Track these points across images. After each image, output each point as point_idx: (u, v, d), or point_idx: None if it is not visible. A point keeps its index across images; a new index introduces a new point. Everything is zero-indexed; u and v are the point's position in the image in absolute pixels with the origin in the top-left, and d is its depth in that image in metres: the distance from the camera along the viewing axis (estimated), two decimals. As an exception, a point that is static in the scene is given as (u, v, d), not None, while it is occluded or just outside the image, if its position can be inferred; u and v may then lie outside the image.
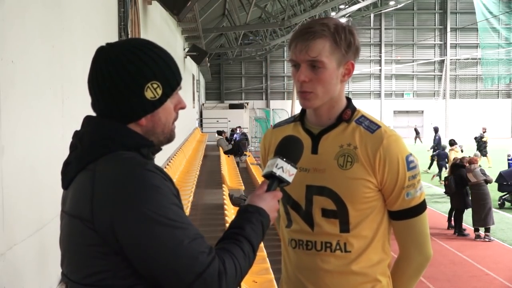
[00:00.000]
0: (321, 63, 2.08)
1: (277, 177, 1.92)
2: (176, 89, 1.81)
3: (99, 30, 6.28)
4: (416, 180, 2.19)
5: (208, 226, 8.15)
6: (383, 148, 2.13)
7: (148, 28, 10.60)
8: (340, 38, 2.09)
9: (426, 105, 51.07)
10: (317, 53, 2.07)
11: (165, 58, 1.78)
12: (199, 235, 1.65)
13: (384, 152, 2.12)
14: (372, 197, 2.16)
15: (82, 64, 4.61)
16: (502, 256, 11.64)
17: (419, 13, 51.34)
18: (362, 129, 2.18)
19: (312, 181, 2.18)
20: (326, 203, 2.17)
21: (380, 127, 2.18)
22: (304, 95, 2.13)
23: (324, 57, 2.07)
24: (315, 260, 2.21)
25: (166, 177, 1.69)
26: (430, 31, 51.37)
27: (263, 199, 1.87)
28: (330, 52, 2.08)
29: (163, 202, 1.61)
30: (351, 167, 2.14)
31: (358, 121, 2.21)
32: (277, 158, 1.94)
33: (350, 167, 2.14)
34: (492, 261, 11.20)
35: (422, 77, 51.68)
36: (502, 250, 12.16)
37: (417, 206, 2.21)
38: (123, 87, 1.70)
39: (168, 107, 1.79)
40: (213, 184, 13.43)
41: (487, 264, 10.91)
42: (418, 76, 51.62)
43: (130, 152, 1.71)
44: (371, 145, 2.14)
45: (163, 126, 1.80)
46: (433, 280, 9.92)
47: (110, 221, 1.60)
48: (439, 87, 51.23)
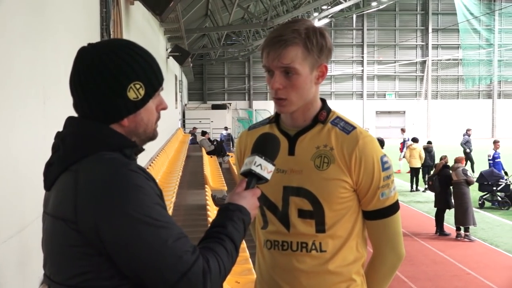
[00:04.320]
0: (294, 69, 2.09)
1: (255, 174, 1.93)
2: (158, 89, 1.81)
3: (81, 31, 6.26)
4: (390, 180, 2.22)
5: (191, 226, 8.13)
6: (359, 149, 2.15)
7: (131, 29, 10.56)
8: (311, 43, 2.10)
9: (408, 105, 51.32)
10: (290, 60, 2.08)
11: (147, 59, 1.78)
12: (183, 235, 1.66)
13: (360, 153, 2.15)
14: (347, 197, 2.18)
15: (64, 65, 4.59)
16: (482, 256, 11.74)
17: (401, 14, 51.59)
18: (338, 130, 2.20)
19: (289, 182, 2.20)
20: (303, 204, 2.19)
21: (356, 128, 2.20)
22: (280, 102, 2.15)
23: (297, 64, 2.09)
24: (290, 260, 2.22)
25: (149, 177, 1.69)
26: (412, 32, 51.64)
27: (243, 197, 1.88)
28: (303, 58, 2.09)
29: (146, 202, 1.62)
30: (328, 168, 2.16)
31: (334, 122, 2.23)
32: (255, 156, 1.95)
33: (326, 168, 2.16)
34: (473, 260, 11.29)
35: (404, 77, 51.93)
36: (483, 249, 12.25)
37: (391, 206, 2.23)
38: (105, 88, 1.71)
39: (150, 108, 1.80)
40: (195, 185, 13.40)
41: (468, 264, 10.99)
42: (400, 76, 51.86)
43: (113, 152, 1.71)
44: (347, 146, 2.16)
45: (145, 127, 1.80)
46: (415, 280, 9.98)
47: (94, 222, 1.60)
48: (421, 88, 51.52)
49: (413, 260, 11.12)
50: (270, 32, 2.16)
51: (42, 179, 1.80)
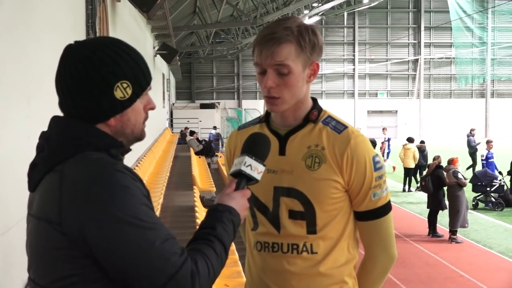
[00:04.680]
0: (288, 67, 2.09)
1: (245, 175, 1.93)
2: (146, 88, 1.81)
3: (66, 28, 6.24)
4: (382, 181, 2.23)
5: (179, 228, 8.12)
6: (351, 149, 2.16)
7: (117, 26, 10.54)
8: (304, 41, 2.11)
9: (400, 105, 51.49)
10: (283, 58, 2.08)
11: (135, 57, 1.78)
12: (171, 236, 1.65)
13: (351, 152, 2.15)
14: (339, 198, 2.19)
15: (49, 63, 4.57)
16: (476, 257, 11.79)
17: (393, 12, 51.76)
18: (329, 130, 2.21)
19: (279, 182, 2.20)
20: (294, 205, 2.19)
21: (347, 128, 2.21)
22: (272, 101, 2.15)
23: (290, 61, 2.09)
24: (281, 262, 2.22)
25: (136, 178, 1.69)
26: (404, 30, 51.81)
27: (232, 198, 1.88)
28: (296, 55, 2.10)
29: (133, 203, 1.61)
30: (319, 168, 2.16)
31: (325, 121, 2.24)
32: (245, 156, 1.95)
33: (317, 168, 2.16)
34: (466, 262, 11.34)
35: (396, 76, 52.10)
36: (476, 251, 12.31)
37: (383, 206, 2.24)
38: (91, 87, 1.70)
39: (137, 107, 1.80)
40: (183, 186, 13.38)
41: (462, 266, 11.04)
42: (392, 75, 52.03)
43: (99, 152, 1.71)
44: (338, 145, 2.17)
45: (133, 127, 1.80)
46: (407, 282, 10.01)
47: (79, 223, 1.59)
48: (413, 87, 51.69)
49: (406, 262, 11.16)
50: (261, 30, 2.16)
51: (26, 180, 1.79)
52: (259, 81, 2.17)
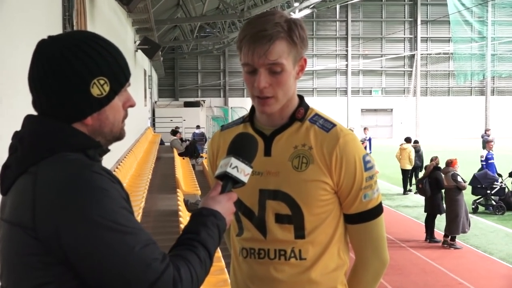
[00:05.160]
0: (281, 65, 2.10)
1: (231, 177, 1.93)
2: (125, 85, 1.81)
3: (41, 22, 6.22)
4: (373, 181, 2.23)
5: (162, 234, 8.11)
6: (340, 148, 2.16)
7: (96, 20, 10.51)
8: (295, 36, 2.12)
9: (395, 102, 51.66)
10: (276, 56, 2.09)
11: (112, 52, 1.78)
12: (152, 241, 1.65)
13: (340, 152, 2.16)
14: (328, 200, 2.20)
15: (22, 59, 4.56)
16: (475, 264, 11.84)
17: (388, 5, 51.93)
18: (316, 128, 2.22)
19: (265, 185, 2.21)
20: (280, 208, 2.19)
21: (336, 126, 2.22)
22: (265, 101, 2.15)
23: (283, 59, 2.10)
24: (268, 269, 2.23)
25: (115, 180, 1.69)
26: (399, 23, 51.99)
27: (218, 201, 1.88)
28: (288, 52, 2.11)
29: (111, 206, 1.61)
30: (306, 168, 2.17)
31: (312, 120, 2.25)
32: (230, 157, 1.95)
33: (305, 169, 2.17)
34: (466, 269, 11.38)
35: (391, 73, 52.26)
36: (475, 257, 12.36)
37: (374, 208, 2.24)
38: (67, 84, 1.70)
39: (116, 105, 1.79)
40: (166, 189, 13.36)
41: (461, 273, 11.08)
42: (387, 72, 52.18)
43: (75, 153, 1.70)
44: (327, 144, 2.18)
45: (111, 126, 1.80)
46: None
47: (54, 228, 1.59)
48: (409, 84, 51.88)
49: (402, 270, 11.19)
50: (247, 26, 2.14)
51: (-2, 183, 1.78)
52: (247, 81, 2.16)
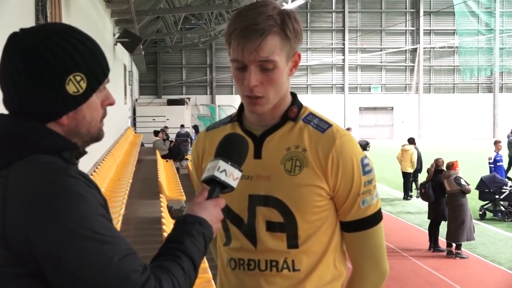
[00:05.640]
0: (273, 62, 2.09)
1: (219, 182, 1.92)
2: (103, 82, 1.81)
3: (12, 13, 6.20)
4: (372, 186, 2.23)
5: (143, 243, 8.10)
6: (336, 149, 2.16)
7: (71, 10, 10.48)
8: (289, 30, 2.11)
9: (396, 100, 51.75)
10: (269, 53, 2.07)
11: (90, 46, 1.78)
12: (131, 251, 1.64)
13: (337, 154, 2.16)
14: (323, 206, 2.19)
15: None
16: (483, 275, 11.85)
17: (388, -6, 52.07)
18: (311, 129, 2.21)
19: (255, 190, 2.20)
20: (272, 215, 2.18)
21: (332, 126, 2.21)
22: (255, 101, 2.14)
23: (276, 55, 2.09)
24: (258, 282, 2.22)
25: (91, 184, 1.68)
26: (400, 15, 52.10)
27: (204, 207, 1.88)
28: (281, 48, 2.10)
29: (88, 213, 1.61)
30: (300, 172, 2.16)
31: (306, 119, 2.24)
32: (218, 160, 1.94)
33: (298, 172, 2.16)
34: (473, 280, 11.39)
35: (391, 68, 52.36)
36: (483, 267, 12.36)
37: (373, 215, 2.24)
38: (40, 81, 1.69)
39: (93, 103, 1.79)
40: (148, 194, 13.34)
41: (467, 284, 11.09)
42: (387, 67, 52.28)
43: (49, 156, 1.70)
44: (322, 146, 2.17)
45: (89, 125, 1.80)
46: (405, 303, 10.07)
47: (25, 237, 1.58)
48: (411, 80, 51.98)
49: (404, 281, 11.21)
50: (235, 19, 2.12)
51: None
52: (236, 78, 2.15)
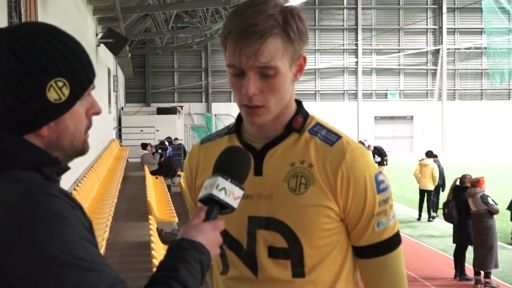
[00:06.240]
0: (275, 68, 2.07)
1: (218, 201, 1.91)
2: (89, 88, 1.81)
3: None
4: (388, 206, 2.21)
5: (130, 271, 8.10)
6: (346, 164, 2.14)
7: (48, 7, 10.51)
8: (292, 31, 2.09)
9: (416, 109, 51.71)
10: (269, 58, 2.06)
11: (73, 48, 1.78)
12: (119, 280, 1.64)
13: (347, 170, 2.14)
14: (333, 229, 2.18)
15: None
16: (515, 307, 11.86)
17: (407, -11, 52.17)
18: (318, 141, 2.20)
19: (255, 211, 2.19)
20: (274, 239, 2.18)
21: (341, 138, 2.20)
22: (254, 111, 2.12)
23: (278, 60, 2.07)
24: None
25: (75, 204, 1.68)
26: (420, 12, 52.18)
27: (201, 231, 1.87)
28: (283, 52, 2.08)
29: (71, 237, 1.60)
30: (306, 190, 2.15)
31: (313, 130, 2.23)
32: (217, 177, 1.92)
33: (304, 191, 2.15)
34: (504, 313, 11.40)
35: (411, 72, 52.37)
36: (515, 298, 12.39)
37: (390, 239, 2.23)
38: (17, 86, 1.69)
39: (77, 112, 1.79)
40: (136, 216, 13.34)
41: (497, 317, 11.09)
42: (405, 71, 52.30)
43: (28, 172, 1.70)
44: (330, 160, 2.16)
45: (72, 137, 1.79)
46: None
47: (1, 264, 1.58)
48: (433, 86, 51.98)
49: (425, 314, 11.19)
50: (232, 18, 2.10)
51: None
52: (233, 85, 2.13)
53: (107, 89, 25.89)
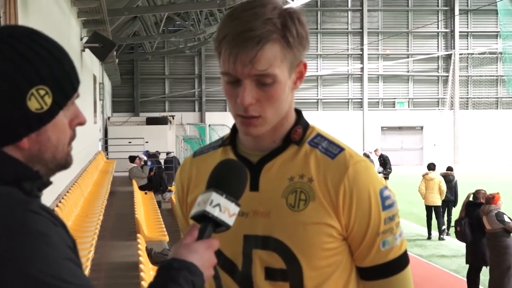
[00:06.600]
0: (273, 76, 2.06)
1: (212, 218, 1.90)
2: (72, 96, 1.81)
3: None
4: (394, 223, 2.20)
5: (117, 294, 8.10)
6: (349, 179, 2.14)
7: (30, 9, 10.52)
8: (292, 36, 2.07)
9: (426, 118, 51.68)
10: (267, 65, 2.04)
11: (56, 54, 1.78)
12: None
13: (350, 184, 2.13)
14: (335, 249, 2.17)
15: None
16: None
17: (416, -11, 52.25)
18: (318, 154, 2.19)
19: (251, 229, 2.18)
20: (272, 260, 2.17)
21: (344, 150, 2.19)
22: (250, 121, 2.11)
23: (276, 68, 2.06)
24: None
25: (57, 222, 1.68)
26: (431, 14, 52.25)
27: (193, 250, 1.86)
28: (282, 58, 2.07)
29: (53, 257, 1.60)
30: (306, 207, 2.14)
31: (313, 142, 2.22)
32: (211, 192, 1.92)
33: (304, 208, 2.14)
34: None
35: (420, 79, 52.40)
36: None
37: (397, 259, 2.21)
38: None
39: (60, 123, 1.79)
40: (123, 234, 13.33)
41: None
42: (415, 77, 52.32)
43: (6, 186, 1.70)
44: (332, 175, 2.15)
45: (54, 150, 1.79)
46: None
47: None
48: (445, 94, 52.00)
49: None
50: (229, 23, 2.08)
51: None
52: (228, 94, 2.13)
53: (92, 97, 25.89)
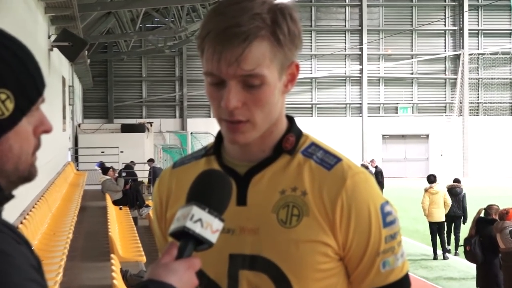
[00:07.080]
0: (260, 78, 2.05)
1: (192, 235, 1.89)
2: (37, 101, 1.81)
3: None
4: (396, 242, 2.19)
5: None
6: (347, 192, 2.13)
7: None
8: (283, 33, 2.07)
9: (432, 125, 51.72)
10: (254, 65, 2.04)
11: (19, 54, 1.78)
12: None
13: (348, 198, 2.12)
14: (330, 270, 2.16)
15: None
16: None
17: (421, -18, 52.40)
18: (313, 164, 2.18)
19: (238, 247, 2.17)
20: (260, 282, 2.16)
21: (341, 161, 2.18)
22: (237, 127, 2.09)
23: (264, 68, 2.05)
24: None
25: (21, 240, 1.69)
26: (437, 10, 52.35)
27: (172, 270, 1.85)
28: (271, 58, 2.06)
29: (15, 279, 1.60)
30: (298, 223, 2.13)
31: (307, 152, 2.21)
32: (192, 206, 1.90)
33: (296, 224, 2.13)
34: None
35: (426, 82, 52.46)
36: None
37: (398, 282, 2.20)
38: (-48, 100, 1.71)
39: (23, 130, 1.79)
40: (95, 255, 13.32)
41: None
42: (419, 80, 52.38)
43: (-36, 201, 1.71)
44: (328, 188, 2.14)
45: (17, 160, 1.79)
46: None
47: None
48: (453, 98, 52.07)
49: None
50: (213, 18, 2.07)
51: None
52: (211, 97, 2.12)
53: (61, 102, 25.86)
